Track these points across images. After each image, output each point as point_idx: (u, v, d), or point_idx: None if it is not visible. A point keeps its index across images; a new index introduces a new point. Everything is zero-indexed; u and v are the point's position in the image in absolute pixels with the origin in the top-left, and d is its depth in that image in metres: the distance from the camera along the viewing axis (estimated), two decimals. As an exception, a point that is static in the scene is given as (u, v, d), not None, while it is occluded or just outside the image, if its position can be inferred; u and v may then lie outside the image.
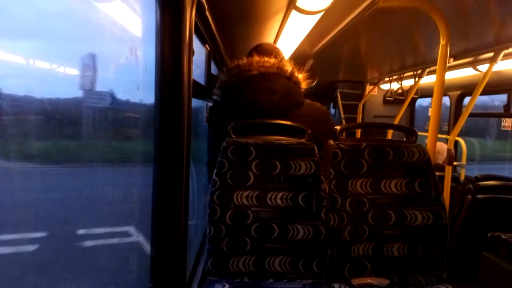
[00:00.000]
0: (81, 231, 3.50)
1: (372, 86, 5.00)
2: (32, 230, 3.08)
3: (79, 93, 1.98)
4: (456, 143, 3.62)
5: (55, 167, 3.10)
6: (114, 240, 3.60)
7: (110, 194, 3.25)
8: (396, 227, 1.39)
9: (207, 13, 1.58)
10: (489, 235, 2.15)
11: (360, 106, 5.11)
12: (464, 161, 3.59)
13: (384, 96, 4.83)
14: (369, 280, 1.34)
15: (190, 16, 1.12)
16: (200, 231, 2.43)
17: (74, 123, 2.48)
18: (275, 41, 2.59)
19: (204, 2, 1.41)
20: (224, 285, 1.28)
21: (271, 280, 1.33)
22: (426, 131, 1.85)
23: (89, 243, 3.39)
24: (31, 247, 3.03)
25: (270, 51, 1.71)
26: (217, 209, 1.33)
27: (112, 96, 2.15)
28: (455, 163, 3.26)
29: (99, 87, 1.95)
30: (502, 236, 2.06)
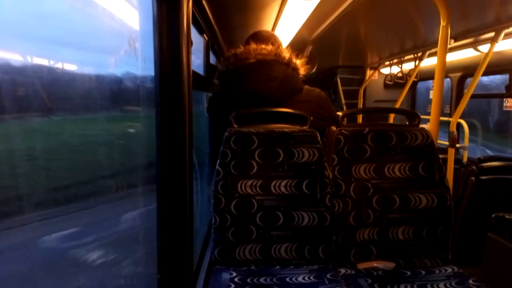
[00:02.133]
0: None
1: (373, 71, 4.97)
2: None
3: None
4: (459, 125, 3.61)
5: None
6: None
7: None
8: (401, 210, 1.39)
9: (204, 2, 1.56)
10: (493, 215, 2.16)
11: (361, 91, 5.09)
12: (466, 143, 3.58)
13: (385, 81, 4.80)
14: (375, 264, 1.36)
15: (187, 7, 1.11)
16: (206, 221, 2.45)
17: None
18: (273, 29, 2.56)
19: None
20: (231, 274, 1.29)
21: (278, 267, 1.34)
22: (428, 114, 1.84)
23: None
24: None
25: (267, 38, 1.69)
26: (221, 199, 1.33)
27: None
28: (457, 145, 3.26)
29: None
30: (506, 217, 2.07)
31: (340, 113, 1.47)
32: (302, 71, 1.61)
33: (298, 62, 1.59)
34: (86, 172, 1.34)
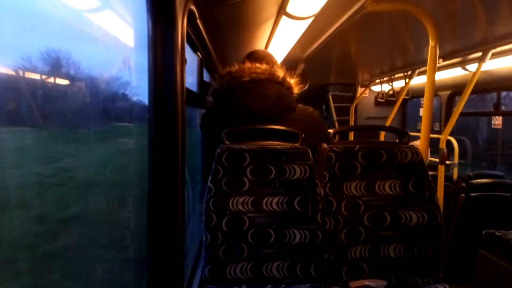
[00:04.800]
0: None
1: (364, 88, 5.05)
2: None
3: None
4: (448, 142, 3.66)
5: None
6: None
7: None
8: (392, 228, 1.40)
9: (198, 21, 1.58)
10: (483, 232, 2.18)
11: (352, 108, 5.15)
12: (456, 160, 3.63)
13: (376, 98, 4.87)
14: (366, 282, 1.35)
15: (181, 26, 1.13)
16: (197, 239, 2.42)
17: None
18: (266, 47, 2.60)
19: (195, 10, 1.42)
20: None
21: (269, 286, 1.33)
22: (418, 131, 1.87)
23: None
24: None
25: (262, 57, 1.72)
26: (213, 216, 1.33)
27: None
28: (447, 162, 3.30)
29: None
30: (497, 233, 2.09)
31: (331, 131, 1.49)
32: (295, 90, 1.63)
33: (292, 81, 1.61)
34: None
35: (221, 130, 1.42)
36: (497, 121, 3.58)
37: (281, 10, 1.75)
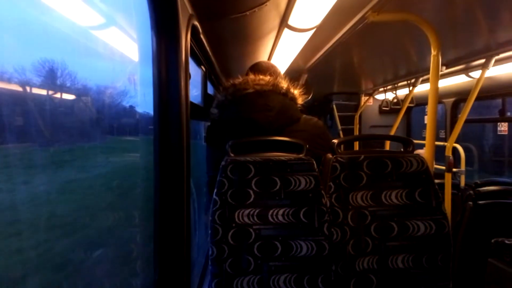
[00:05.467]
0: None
1: (367, 97, 5.05)
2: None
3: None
4: (454, 149, 3.64)
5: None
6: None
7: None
8: (399, 238, 1.38)
9: (201, 36, 1.61)
10: (493, 241, 2.15)
11: (357, 117, 5.15)
12: (463, 167, 3.60)
13: (380, 106, 4.87)
14: None
15: (185, 41, 1.15)
16: (203, 252, 2.42)
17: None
18: (269, 59, 2.63)
19: (199, 25, 1.44)
20: None
21: None
22: (424, 138, 1.87)
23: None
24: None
25: (266, 69, 1.73)
26: (219, 229, 1.32)
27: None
28: (454, 169, 3.27)
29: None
30: (506, 242, 2.06)
31: (335, 141, 1.48)
32: (300, 101, 1.64)
33: (296, 92, 1.62)
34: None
35: (225, 142, 1.42)
36: (503, 127, 3.55)
37: (283, 22, 1.78)
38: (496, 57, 2.40)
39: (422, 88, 3.80)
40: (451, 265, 1.39)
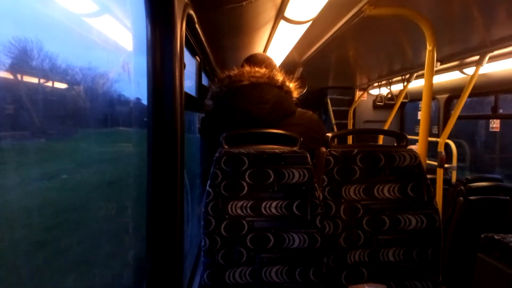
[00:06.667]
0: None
1: (362, 92, 5.07)
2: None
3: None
4: (447, 145, 3.67)
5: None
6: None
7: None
8: (391, 232, 1.40)
9: (197, 25, 1.59)
10: (482, 236, 2.18)
11: (351, 111, 5.16)
12: (454, 163, 3.63)
13: (374, 101, 4.89)
14: (366, 287, 1.35)
15: (180, 30, 1.14)
16: (196, 243, 2.42)
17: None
18: (264, 51, 2.61)
19: (194, 15, 1.43)
20: None
21: None
22: (417, 134, 1.88)
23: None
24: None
25: (261, 61, 1.72)
26: (211, 221, 1.32)
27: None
28: (446, 165, 3.30)
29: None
30: (495, 237, 2.09)
31: (329, 134, 1.48)
32: (295, 94, 1.63)
33: (291, 85, 1.61)
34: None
35: (220, 134, 1.42)
36: (495, 124, 3.59)
37: (280, 14, 1.76)
38: (490, 54, 2.41)
39: (416, 84, 3.82)
40: (441, 259, 1.41)
